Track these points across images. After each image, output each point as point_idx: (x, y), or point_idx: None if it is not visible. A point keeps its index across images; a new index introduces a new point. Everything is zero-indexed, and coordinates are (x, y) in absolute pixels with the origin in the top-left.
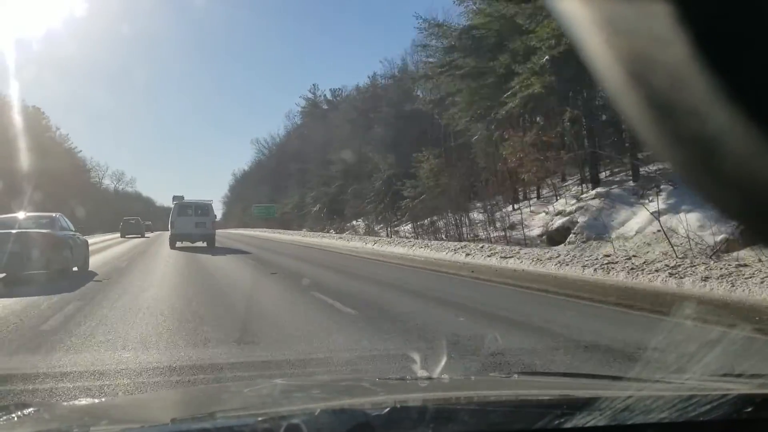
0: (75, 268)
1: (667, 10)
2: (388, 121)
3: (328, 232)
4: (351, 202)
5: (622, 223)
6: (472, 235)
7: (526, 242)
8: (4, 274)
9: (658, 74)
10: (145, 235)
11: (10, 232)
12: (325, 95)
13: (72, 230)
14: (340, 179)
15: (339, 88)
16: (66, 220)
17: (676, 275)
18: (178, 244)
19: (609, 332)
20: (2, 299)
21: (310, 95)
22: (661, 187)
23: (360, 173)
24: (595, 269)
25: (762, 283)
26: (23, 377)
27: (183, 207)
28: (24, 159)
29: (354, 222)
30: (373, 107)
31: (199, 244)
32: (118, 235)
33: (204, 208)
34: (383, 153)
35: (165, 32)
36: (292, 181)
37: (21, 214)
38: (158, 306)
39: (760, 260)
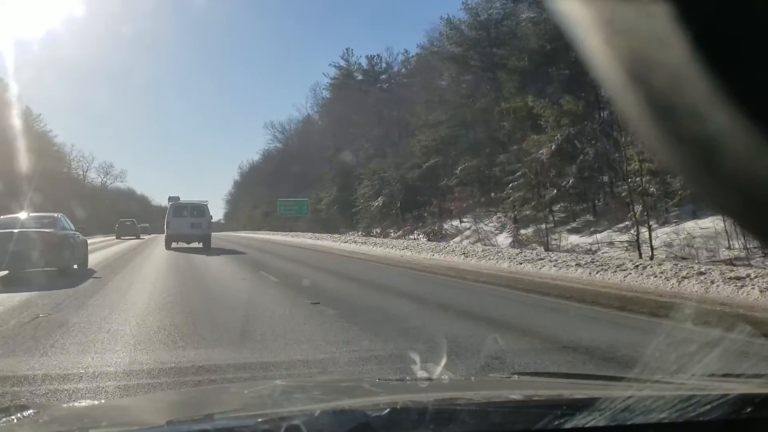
0: (75, 266)
1: (666, 11)
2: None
3: (407, 237)
4: (456, 192)
5: None
6: None
7: None
8: (6, 272)
9: (657, 74)
10: (141, 237)
11: (14, 231)
12: (359, 63)
13: (72, 230)
14: (433, 155)
15: (377, 55)
16: (67, 220)
17: None
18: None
19: None
20: (11, 294)
21: (342, 63)
22: None
23: (476, 142)
24: None
25: None
26: (23, 378)
27: (179, 208)
28: None
29: (466, 223)
30: (491, 39)
31: (195, 244)
32: (114, 237)
33: (200, 209)
34: (546, 98)
35: (165, 32)
36: (325, 168)
37: (24, 214)
38: (157, 304)
39: None
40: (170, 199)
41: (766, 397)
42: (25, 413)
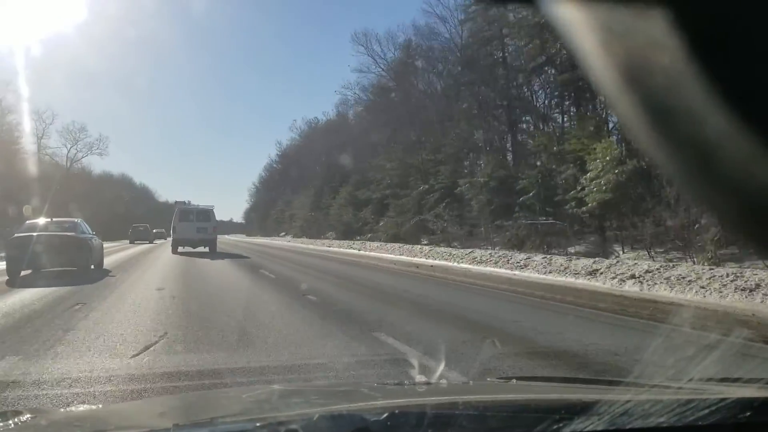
0: (92, 267)
1: (662, 14)
2: None
3: None
4: None
5: None
6: None
7: None
8: (30, 270)
9: (654, 78)
10: (155, 242)
11: (39, 235)
12: None
13: (90, 234)
14: None
15: None
16: (86, 225)
17: None
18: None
19: None
20: (45, 288)
21: None
22: None
23: None
24: None
25: None
26: (17, 384)
27: (185, 212)
28: None
29: None
30: None
31: (201, 249)
32: (128, 241)
33: (205, 214)
34: None
35: (176, 35)
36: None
37: (48, 220)
38: (163, 301)
39: None
40: (177, 203)
41: (764, 400)
42: (23, 418)
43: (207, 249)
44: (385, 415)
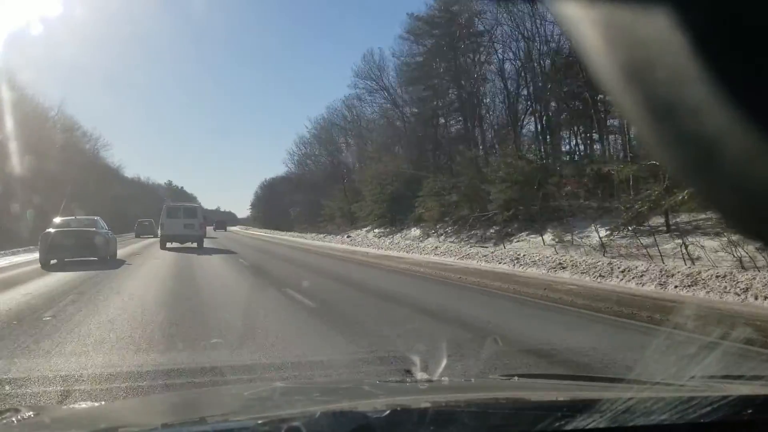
0: (108, 258)
1: (666, 13)
2: None
3: None
4: None
5: None
6: None
7: None
8: (55, 260)
9: (657, 76)
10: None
11: (65, 230)
12: None
13: (107, 229)
14: None
15: None
16: (103, 221)
17: None
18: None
19: None
20: (80, 272)
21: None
22: None
23: None
24: None
25: None
26: (19, 381)
27: (173, 209)
28: None
29: None
30: None
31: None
32: (134, 235)
33: (192, 211)
34: None
35: (183, 38)
36: None
37: (72, 217)
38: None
39: None
40: (166, 201)
41: (766, 398)
42: (25, 415)
43: (195, 245)
44: (387, 412)
